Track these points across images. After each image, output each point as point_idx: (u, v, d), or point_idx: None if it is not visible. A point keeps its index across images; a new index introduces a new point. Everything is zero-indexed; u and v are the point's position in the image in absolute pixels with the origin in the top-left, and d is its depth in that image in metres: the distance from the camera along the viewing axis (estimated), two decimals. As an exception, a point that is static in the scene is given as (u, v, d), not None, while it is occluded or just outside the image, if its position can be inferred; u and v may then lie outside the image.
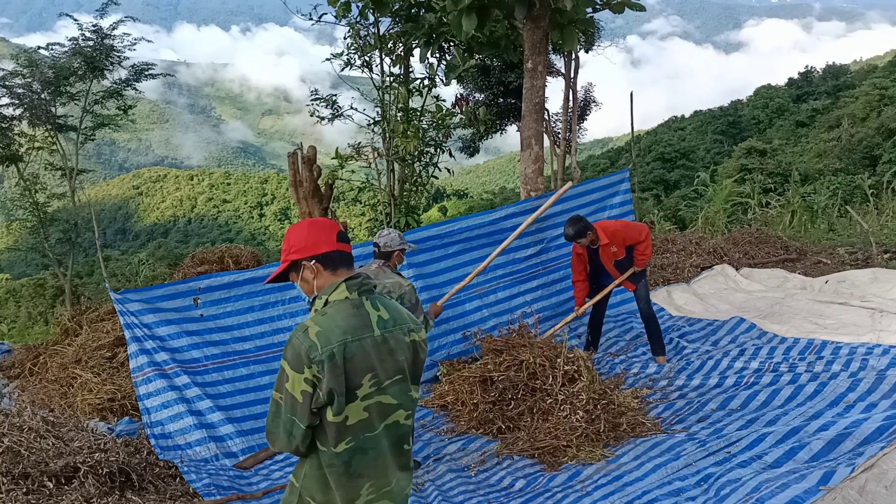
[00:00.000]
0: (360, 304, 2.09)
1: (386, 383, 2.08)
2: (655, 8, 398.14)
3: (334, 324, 2.02)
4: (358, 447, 2.05)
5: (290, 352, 1.99)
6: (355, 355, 2.01)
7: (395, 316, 2.16)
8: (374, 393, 2.06)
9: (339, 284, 2.09)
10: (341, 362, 1.98)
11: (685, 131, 54.70)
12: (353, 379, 2.01)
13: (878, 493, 2.85)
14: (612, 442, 4.24)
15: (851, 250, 7.90)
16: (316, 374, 1.96)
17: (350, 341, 2.01)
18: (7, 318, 15.50)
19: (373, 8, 8.54)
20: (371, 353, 2.05)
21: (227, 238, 71.12)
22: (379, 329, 2.08)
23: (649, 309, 5.58)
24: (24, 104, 10.81)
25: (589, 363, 4.84)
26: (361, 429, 2.06)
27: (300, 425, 1.99)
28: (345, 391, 1.99)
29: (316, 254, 2.11)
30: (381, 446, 2.10)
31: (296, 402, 1.98)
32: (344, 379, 1.99)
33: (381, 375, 2.06)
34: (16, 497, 3.75)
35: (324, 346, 1.97)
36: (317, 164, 7.63)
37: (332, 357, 1.96)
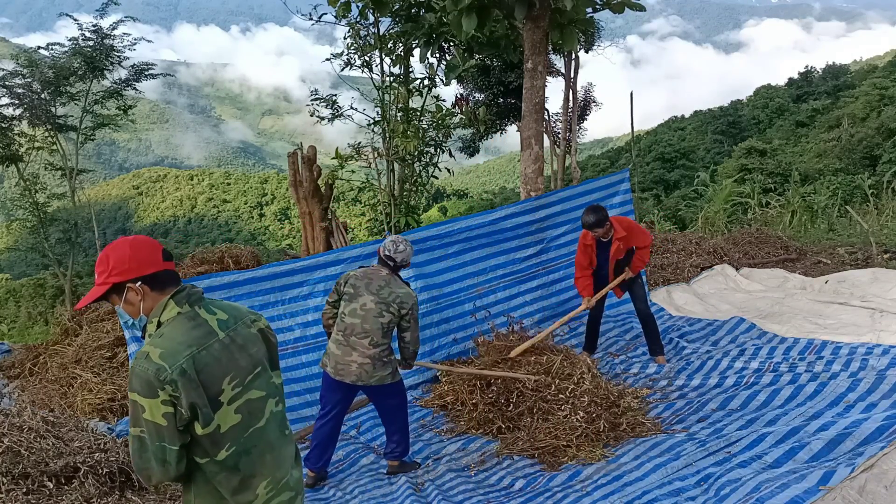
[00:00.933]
0: (195, 315, 2.02)
1: (248, 379, 2.05)
2: (655, 8, 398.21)
3: (175, 341, 1.95)
4: (241, 450, 2.03)
5: (137, 381, 1.90)
6: (207, 364, 1.96)
7: (232, 313, 2.12)
8: (240, 393, 2.03)
9: (168, 302, 2.02)
10: (195, 375, 1.92)
11: (685, 131, 54.73)
12: (211, 387, 1.96)
13: (878, 493, 2.85)
14: (612, 442, 4.24)
15: (851, 250, 7.91)
16: (172, 394, 1.89)
17: (197, 352, 1.95)
18: (7, 318, 15.50)
19: (373, 8, 8.55)
20: (222, 357, 2.00)
21: (227, 238, 71.14)
22: (222, 331, 2.04)
23: (647, 309, 5.58)
24: (24, 104, 10.84)
25: (595, 370, 4.85)
26: (240, 431, 2.03)
27: (172, 448, 1.92)
28: (207, 401, 1.95)
29: (142, 275, 2.00)
30: (266, 441, 2.09)
31: (160, 427, 1.90)
32: (202, 391, 1.94)
33: (240, 375, 2.03)
34: (16, 497, 3.75)
35: (171, 364, 1.89)
36: (317, 164, 7.63)
37: (183, 372, 1.90)
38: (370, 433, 5.21)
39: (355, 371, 4.16)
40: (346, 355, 4.17)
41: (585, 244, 5.45)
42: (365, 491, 4.28)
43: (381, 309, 4.15)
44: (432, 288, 5.98)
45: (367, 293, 4.18)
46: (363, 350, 4.15)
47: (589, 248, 5.45)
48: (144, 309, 2.03)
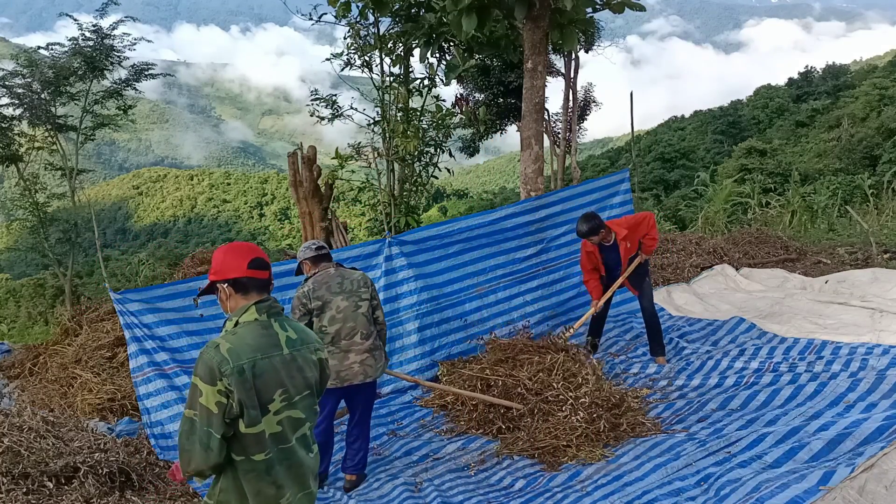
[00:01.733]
0: (269, 325, 2.22)
1: (296, 399, 2.22)
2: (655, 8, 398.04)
3: (244, 342, 2.14)
4: (276, 458, 2.16)
5: (202, 367, 2.08)
6: (265, 372, 2.13)
7: (302, 336, 2.30)
8: (285, 408, 2.18)
9: (250, 307, 2.23)
10: (250, 377, 2.09)
11: (685, 131, 54.70)
12: (264, 394, 2.13)
13: (878, 493, 2.85)
14: (612, 442, 4.24)
15: (851, 250, 7.90)
16: (227, 387, 2.06)
17: (259, 359, 2.13)
18: (7, 318, 15.50)
19: (373, 8, 8.54)
20: (280, 370, 2.17)
21: (227, 238, 71.03)
22: (288, 348, 2.22)
23: (653, 308, 5.56)
24: (24, 104, 10.82)
25: (599, 372, 4.85)
26: (277, 441, 2.17)
27: (216, 436, 2.07)
28: (257, 404, 2.11)
29: (226, 278, 2.27)
30: (297, 458, 2.23)
31: (211, 414, 2.06)
32: (254, 393, 2.10)
33: (291, 391, 2.20)
34: (16, 497, 3.75)
35: (234, 361, 2.08)
36: (317, 164, 7.63)
37: (241, 372, 2.08)
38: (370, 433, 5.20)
39: (359, 370, 4.15)
40: (343, 360, 4.16)
41: (587, 251, 5.47)
42: (363, 491, 4.28)
43: (355, 301, 4.18)
44: (432, 288, 5.98)
45: (333, 295, 4.17)
46: (358, 348, 4.15)
47: (592, 254, 5.46)
48: (230, 307, 2.29)
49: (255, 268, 2.26)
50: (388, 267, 5.83)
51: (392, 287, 5.84)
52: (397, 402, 5.64)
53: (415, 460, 4.63)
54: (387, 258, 5.83)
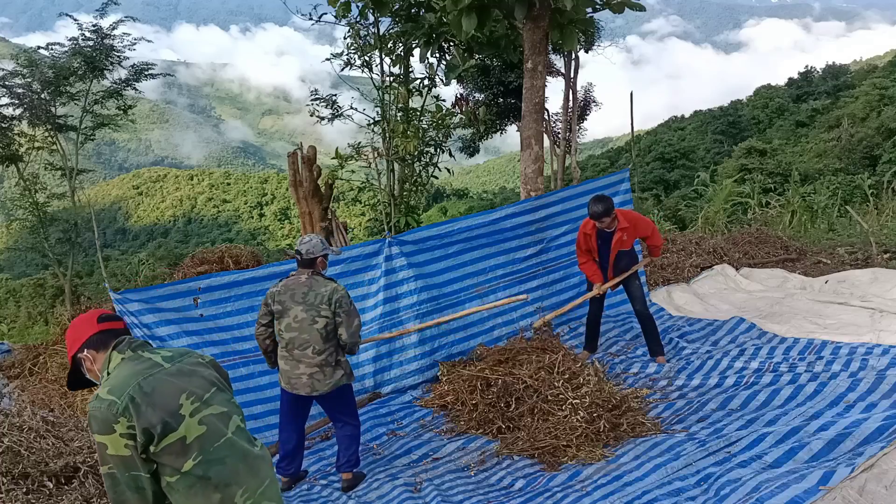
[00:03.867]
0: (139, 356, 2.21)
1: (207, 396, 2.20)
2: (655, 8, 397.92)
3: (120, 378, 2.13)
4: (210, 459, 2.13)
5: (94, 423, 2.07)
6: (156, 386, 2.12)
7: (178, 352, 2.30)
8: (201, 406, 2.17)
9: (111, 354, 2.23)
10: (143, 398, 2.08)
11: (685, 131, 54.71)
12: (168, 403, 2.11)
13: (878, 493, 2.85)
14: (612, 442, 4.24)
15: (851, 250, 7.90)
16: (127, 425, 2.04)
17: (143, 379, 2.12)
18: (7, 318, 15.49)
19: (373, 8, 8.55)
20: (170, 379, 2.17)
21: (227, 238, 71.06)
22: (167, 363, 2.21)
23: (645, 309, 5.57)
24: (24, 104, 10.83)
25: (602, 373, 4.86)
26: (207, 441, 2.14)
27: (143, 475, 2.07)
28: (163, 416, 2.08)
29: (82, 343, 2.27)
30: (238, 451, 2.20)
31: (126, 458, 2.06)
32: (155, 408, 2.08)
33: (197, 391, 2.18)
34: (16, 497, 3.75)
35: (119, 395, 2.06)
36: (317, 164, 7.63)
37: (132, 399, 2.07)
38: (370, 433, 5.21)
39: (307, 382, 4.15)
40: (294, 369, 4.16)
41: (585, 232, 5.47)
42: (363, 491, 4.28)
43: (313, 315, 4.09)
44: (432, 288, 5.98)
45: (294, 304, 4.14)
46: (308, 361, 4.12)
47: (588, 236, 5.46)
48: (98, 368, 2.26)
49: (105, 321, 2.28)
50: (388, 267, 5.83)
51: (392, 287, 5.84)
52: (397, 402, 5.64)
53: (415, 460, 4.63)
54: (387, 258, 5.83)
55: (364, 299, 5.84)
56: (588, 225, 5.42)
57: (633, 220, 5.40)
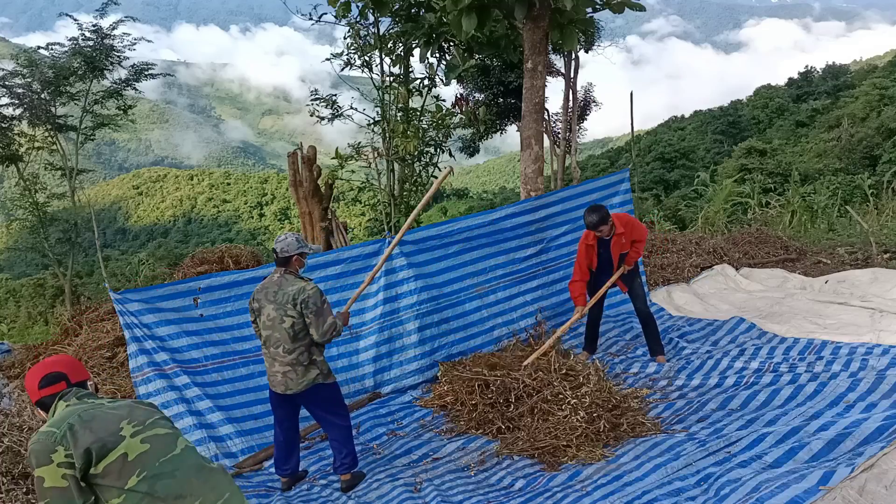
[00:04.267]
0: (83, 401, 2.31)
1: (148, 421, 2.27)
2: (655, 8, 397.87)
3: (62, 414, 2.23)
4: (156, 474, 2.17)
5: (32, 457, 2.13)
6: (95, 416, 2.21)
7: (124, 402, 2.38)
8: (143, 429, 2.25)
9: (56, 405, 2.32)
10: (81, 425, 2.16)
11: (685, 131, 54.70)
12: (106, 428, 2.19)
13: (877, 493, 2.85)
14: (612, 442, 4.24)
15: (851, 250, 7.90)
16: (65, 453, 2.11)
17: (84, 411, 2.21)
18: (7, 318, 15.50)
19: (373, 8, 8.55)
20: (111, 410, 2.26)
21: (227, 238, 71.06)
22: (108, 403, 2.31)
23: (646, 308, 5.58)
24: (24, 104, 10.83)
25: (602, 373, 4.86)
26: (152, 458, 2.19)
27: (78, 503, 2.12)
28: (101, 438, 2.15)
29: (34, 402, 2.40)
30: (188, 465, 2.24)
31: (63, 490, 2.10)
32: (94, 433, 2.15)
33: (138, 419, 2.27)
34: (16, 497, 3.76)
35: (59, 426, 2.15)
36: (317, 164, 7.63)
37: (71, 426, 2.15)
38: (370, 433, 5.21)
39: (281, 381, 4.16)
40: (271, 367, 4.19)
41: (588, 244, 5.47)
42: (362, 491, 4.28)
43: (281, 314, 4.08)
44: (432, 288, 5.98)
45: (267, 302, 4.15)
46: (281, 359, 4.13)
47: (591, 248, 5.47)
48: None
49: (45, 386, 2.34)
50: (387, 267, 5.82)
51: (392, 287, 5.84)
52: (397, 402, 5.64)
53: (415, 460, 4.62)
54: (387, 258, 5.83)
55: (364, 299, 5.84)
56: (589, 236, 5.43)
57: (626, 223, 5.43)
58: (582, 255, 5.52)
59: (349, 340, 5.80)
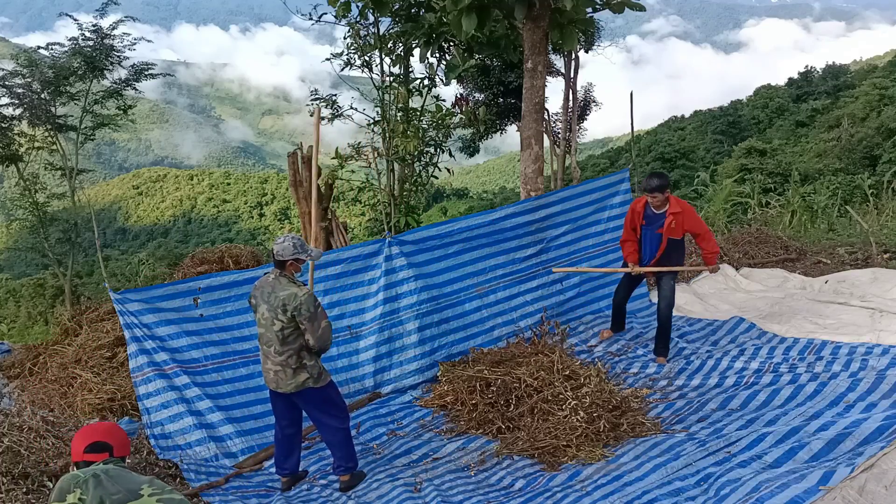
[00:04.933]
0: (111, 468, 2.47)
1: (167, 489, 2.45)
2: (655, 8, 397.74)
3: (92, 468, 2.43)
4: None
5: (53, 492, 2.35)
6: (120, 475, 2.40)
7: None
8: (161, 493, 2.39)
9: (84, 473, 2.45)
10: (105, 479, 2.34)
11: (685, 131, 54.69)
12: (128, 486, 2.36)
13: (877, 493, 2.85)
14: (612, 442, 4.24)
15: (851, 250, 7.90)
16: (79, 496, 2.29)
17: (111, 470, 2.42)
18: (7, 318, 15.50)
19: (373, 8, 8.53)
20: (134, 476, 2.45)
21: (227, 238, 71.08)
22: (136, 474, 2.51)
23: (668, 311, 5.49)
24: (24, 104, 10.81)
25: (603, 374, 4.86)
26: None
27: None
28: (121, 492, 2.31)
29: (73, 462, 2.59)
30: None
31: None
32: (113, 486, 2.32)
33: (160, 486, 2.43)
34: (16, 497, 3.76)
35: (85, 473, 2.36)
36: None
37: (95, 475, 2.35)
38: (370, 433, 5.21)
39: (272, 378, 4.20)
40: (264, 363, 4.23)
41: (634, 209, 5.46)
42: (362, 491, 4.28)
43: (272, 317, 4.09)
44: (432, 288, 5.98)
45: (262, 301, 4.17)
46: (273, 358, 4.16)
47: (636, 214, 5.45)
48: None
49: (90, 451, 2.52)
50: (388, 267, 5.83)
51: (392, 287, 5.84)
52: (397, 402, 5.64)
53: (415, 460, 4.63)
54: (387, 258, 5.83)
55: (364, 299, 5.84)
56: (639, 203, 5.43)
57: (685, 207, 5.34)
58: (627, 217, 5.54)
59: (349, 340, 5.80)
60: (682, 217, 5.30)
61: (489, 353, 5.73)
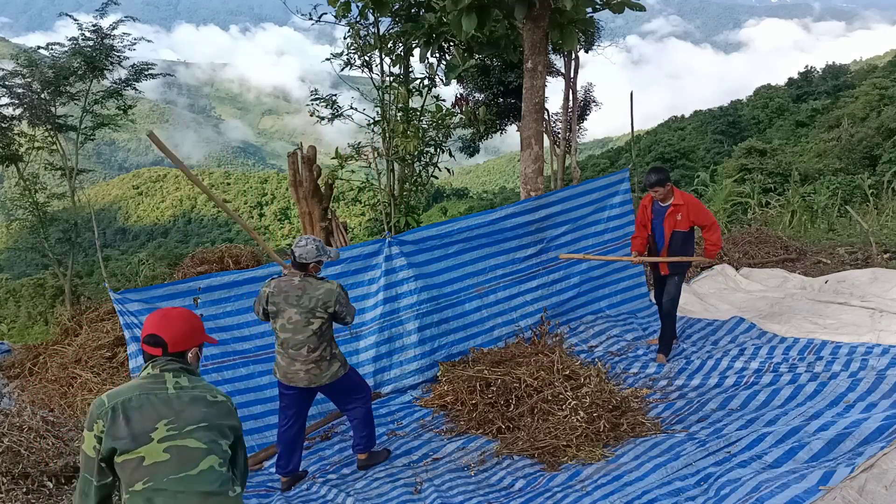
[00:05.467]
0: (160, 376, 2.34)
1: (187, 429, 2.24)
2: (655, 8, 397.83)
3: (127, 387, 2.31)
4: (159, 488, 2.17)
5: (87, 417, 2.28)
6: (143, 405, 2.25)
7: (196, 384, 2.39)
8: (175, 436, 2.23)
9: (147, 365, 2.40)
10: (123, 412, 2.22)
11: (685, 131, 54.69)
12: (142, 424, 2.22)
13: (877, 493, 2.85)
14: (612, 442, 4.24)
15: (851, 250, 7.90)
16: (101, 429, 2.21)
17: (137, 395, 2.27)
18: (7, 318, 15.49)
19: (373, 8, 8.53)
20: (161, 404, 2.27)
21: (227, 238, 71.02)
22: (174, 389, 2.32)
23: (672, 309, 5.50)
24: (24, 104, 10.80)
25: (603, 375, 4.87)
26: (163, 470, 2.19)
27: (92, 481, 2.22)
28: (130, 434, 2.20)
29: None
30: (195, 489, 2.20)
31: (88, 460, 2.23)
32: (127, 423, 2.21)
33: (179, 422, 2.25)
34: (16, 497, 3.76)
35: (110, 401, 2.24)
36: (317, 164, 7.63)
37: (114, 410, 2.22)
38: (370, 433, 5.21)
39: (304, 377, 4.22)
40: (290, 366, 4.23)
41: (644, 205, 5.53)
42: (362, 490, 4.28)
43: (308, 318, 4.13)
44: (432, 288, 5.98)
45: (289, 306, 4.16)
46: (304, 358, 4.18)
47: (645, 209, 5.50)
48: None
49: (146, 343, 2.40)
50: (388, 267, 5.83)
51: (392, 287, 5.84)
52: (397, 402, 5.64)
53: (415, 460, 4.63)
54: (387, 258, 5.83)
55: (364, 299, 5.84)
56: (646, 198, 5.52)
57: (689, 199, 5.35)
58: (638, 214, 5.62)
59: (349, 340, 5.80)
60: (687, 209, 5.30)
61: (489, 353, 5.73)
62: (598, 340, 6.15)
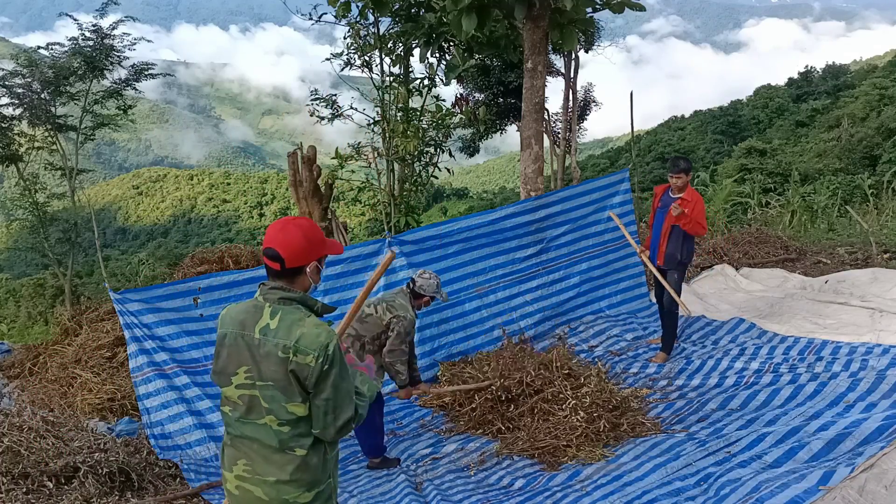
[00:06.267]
0: (262, 307, 2.26)
1: (260, 384, 2.21)
2: (655, 8, 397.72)
3: (234, 311, 2.32)
4: (231, 422, 2.29)
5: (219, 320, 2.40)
6: (233, 345, 2.26)
7: (282, 328, 2.19)
8: (249, 387, 2.23)
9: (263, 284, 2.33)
10: (220, 345, 2.31)
11: (685, 131, 54.68)
12: (229, 363, 2.26)
13: (877, 493, 2.85)
14: (612, 442, 4.24)
15: (851, 250, 7.90)
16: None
17: (230, 332, 2.28)
18: (7, 318, 15.49)
19: (373, 8, 8.53)
20: (246, 349, 2.23)
21: (227, 238, 71.00)
22: (259, 334, 2.22)
23: (672, 307, 5.51)
24: (24, 104, 10.80)
25: (603, 375, 4.86)
26: (236, 409, 2.27)
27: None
28: (221, 371, 2.28)
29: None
30: (255, 436, 2.24)
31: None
32: (217, 361, 2.29)
33: (254, 373, 2.22)
34: (16, 497, 3.75)
35: (220, 327, 2.33)
36: (317, 164, 7.63)
37: (223, 336, 2.30)
38: (370, 433, 5.20)
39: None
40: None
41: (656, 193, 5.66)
42: (363, 490, 4.28)
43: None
44: (432, 288, 5.97)
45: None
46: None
47: (656, 198, 5.59)
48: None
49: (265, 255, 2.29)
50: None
51: (392, 287, 5.84)
52: (397, 402, 5.64)
53: (415, 460, 4.63)
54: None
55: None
56: (660, 187, 5.62)
57: (696, 198, 5.36)
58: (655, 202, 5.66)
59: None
60: (692, 206, 5.30)
61: (489, 355, 5.71)
62: (598, 340, 6.15)
